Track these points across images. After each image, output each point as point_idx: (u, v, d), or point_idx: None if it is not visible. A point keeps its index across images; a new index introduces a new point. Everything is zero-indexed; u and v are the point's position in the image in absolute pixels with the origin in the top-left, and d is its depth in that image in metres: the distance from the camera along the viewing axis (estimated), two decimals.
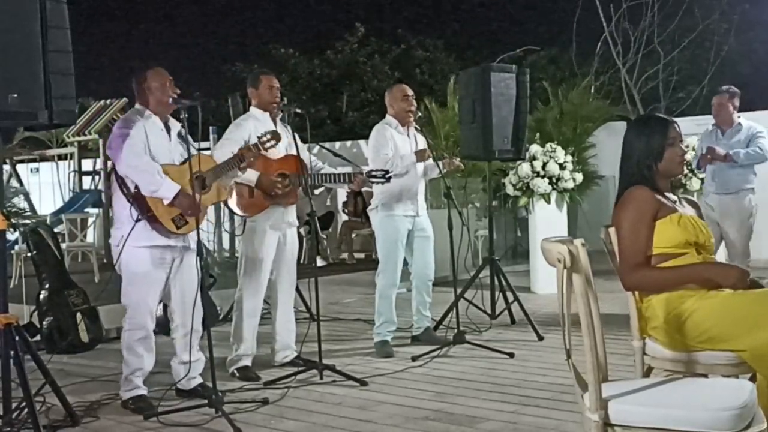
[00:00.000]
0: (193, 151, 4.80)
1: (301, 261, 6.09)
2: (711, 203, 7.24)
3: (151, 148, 4.72)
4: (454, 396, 4.85)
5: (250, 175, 5.30)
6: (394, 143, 6.08)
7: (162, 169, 4.67)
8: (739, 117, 7.35)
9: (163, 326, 5.37)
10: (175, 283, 4.89)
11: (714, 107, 7.47)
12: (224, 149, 5.26)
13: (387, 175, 5.58)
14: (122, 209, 4.75)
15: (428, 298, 6.35)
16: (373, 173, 5.59)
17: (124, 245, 4.70)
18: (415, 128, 6.26)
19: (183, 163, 4.79)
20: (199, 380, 4.99)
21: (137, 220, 4.67)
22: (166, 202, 4.64)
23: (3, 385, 4.05)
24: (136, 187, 4.66)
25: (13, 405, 4.15)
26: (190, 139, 4.95)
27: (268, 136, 5.11)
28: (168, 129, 4.87)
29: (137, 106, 4.87)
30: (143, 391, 4.82)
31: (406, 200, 6.10)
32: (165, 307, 5.15)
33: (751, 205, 7.13)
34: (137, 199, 4.67)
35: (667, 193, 3.58)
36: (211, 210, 7.17)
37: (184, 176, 4.67)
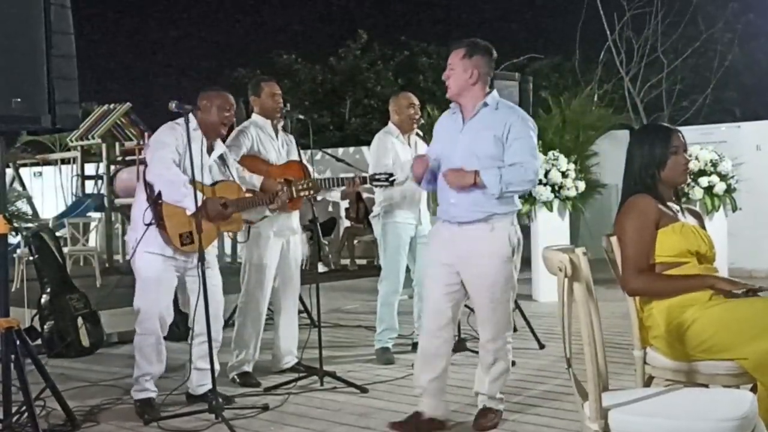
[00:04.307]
0: (228, 177, 4.94)
1: (303, 267, 6.07)
2: (440, 237, 4.39)
3: (185, 162, 4.70)
4: (454, 403, 4.83)
5: (254, 180, 5.31)
6: (395, 152, 6.09)
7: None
8: (488, 92, 4.32)
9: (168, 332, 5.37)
10: (194, 292, 4.87)
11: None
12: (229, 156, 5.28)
13: (391, 179, 5.58)
14: (139, 212, 4.76)
15: None
16: (377, 177, 5.59)
17: (136, 248, 4.72)
18: (417, 134, 6.26)
19: (212, 185, 4.81)
20: (209, 387, 4.98)
21: (148, 224, 4.68)
22: (189, 212, 4.64)
23: (3, 388, 4.05)
24: (159, 194, 4.69)
25: (14, 409, 4.14)
26: (232, 164, 5.06)
27: (305, 185, 5.22)
28: (211, 149, 4.91)
29: (190, 115, 4.82)
30: (152, 394, 4.82)
31: (409, 208, 6.10)
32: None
33: (511, 240, 4.31)
34: (154, 205, 4.69)
35: (669, 203, 3.59)
36: None
37: (207, 195, 4.71)
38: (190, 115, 4.84)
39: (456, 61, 4.30)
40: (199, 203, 4.60)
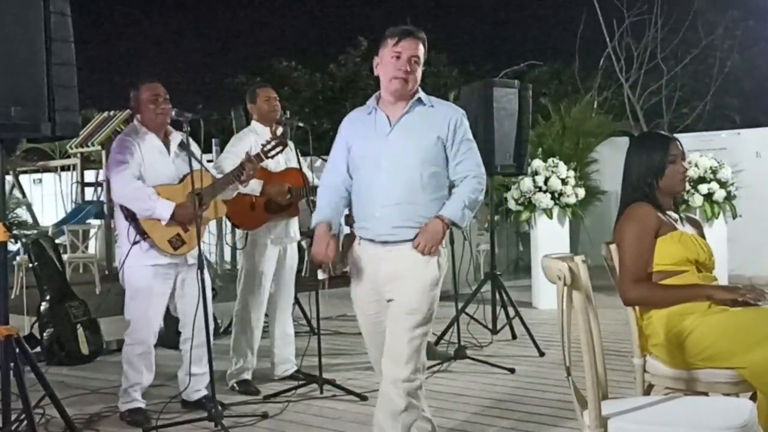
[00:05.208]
0: (195, 164, 4.80)
1: (303, 274, 6.03)
2: (362, 269, 3.82)
3: (146, 168, 4.73)
4: (454, 411, 4.84)
5: (254, 185, 5.30)
6: None
7: (155, 190, 4.68)
8: (418, 92, 3.67)
9: (162, 339, 5.37)
10: (182, 298, 4.89)
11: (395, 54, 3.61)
12: (226, 162, 5.28)
13: None
14: (123, 228, 4.78)
15: None
16: None
17: (123, 264, 4.74)
18: None
19: (181, 180, 4.78)
20: (204, 392, 4.98)
21: (135, 242, 4.69)
22: (163, 222, 4.65)
23: (2, 396, 4.03)
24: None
25: (13, 417, 4.14)
26: (195, 150, 4.93)
27: (273, 143, 5.08)
28: (168, 143, 4.87)
29: (134, 121, 4.90)
30: (141, 404, 4.83)
31: None
32: (164, 320, 5.14)
33: (440, 263, 3.64)
34: (134, 221, 4.70)
35: (668, 211, 3.58)
36: (213, 223, 7.16)
37: (178, 195, 4.68)
38: (135, 121, 4.88)
39: (420, 54, 3.63)
40: (171, 211, 4.62)
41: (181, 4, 33.57)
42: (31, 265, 6.87)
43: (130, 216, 4.70)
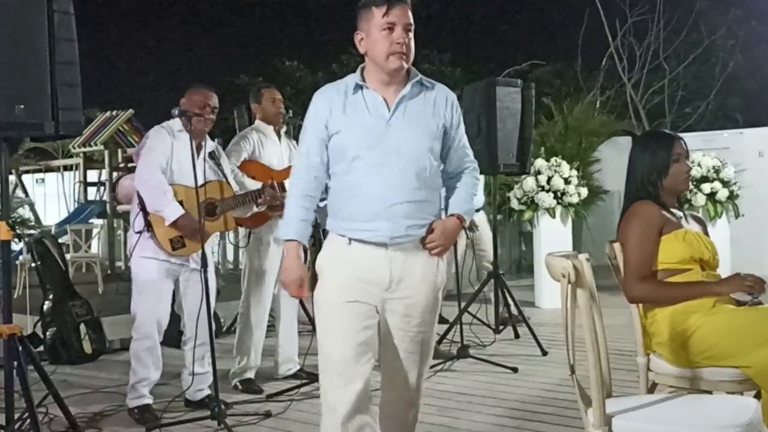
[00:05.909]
0: (220, 177, 4.91)
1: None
2: (353, 270, 3.18)
3: (173, 164, 4.74)
4: (457, 410, 4.84)
5: (252, 186, 5.30)
6: None
7: (173, 188, 4.69)
8: (412, 71, 3.20)
9: (166, 337, 5.36)
10: (186, 296, 4.90)
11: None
12: (229, 160, 5.29)
13: None
14: (133, 216, 4.81)
15: None
16: None
17: (132, 253, 4.78)
18: None
19: (202, 185, 4.79)
20: (207, 392, 4.99)
21: (139, 231, 4.71)
22: (166, 223, 4.67)
23: (6, 395, 4.04)
24: None
25: (16, 416, 4.14)
26: (223, 162, 5.00)
27: None
28: (200, 148, 4.88)
29: (178, 119, 4.87)
30: (149, 400, 4.83)
31: None
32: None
33: (442, 271, 3.25)
34: (143, 212, 4.72)
35: (673, 210, 3.58)
36: None
37: (193, 198, 4.68)
38: (177, 118, 4.87)
39: (412, 20, 3.12)
40: (176, 217, 4.62)
41: (184, 3, 33.58)
42: (34, 264, 6.88)
43: (142, 205, 4.72)
